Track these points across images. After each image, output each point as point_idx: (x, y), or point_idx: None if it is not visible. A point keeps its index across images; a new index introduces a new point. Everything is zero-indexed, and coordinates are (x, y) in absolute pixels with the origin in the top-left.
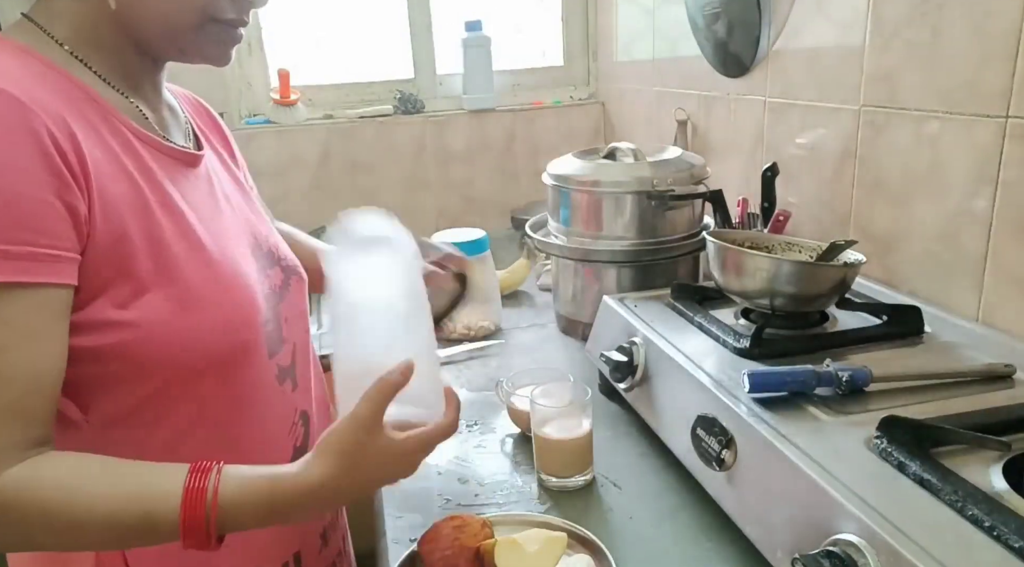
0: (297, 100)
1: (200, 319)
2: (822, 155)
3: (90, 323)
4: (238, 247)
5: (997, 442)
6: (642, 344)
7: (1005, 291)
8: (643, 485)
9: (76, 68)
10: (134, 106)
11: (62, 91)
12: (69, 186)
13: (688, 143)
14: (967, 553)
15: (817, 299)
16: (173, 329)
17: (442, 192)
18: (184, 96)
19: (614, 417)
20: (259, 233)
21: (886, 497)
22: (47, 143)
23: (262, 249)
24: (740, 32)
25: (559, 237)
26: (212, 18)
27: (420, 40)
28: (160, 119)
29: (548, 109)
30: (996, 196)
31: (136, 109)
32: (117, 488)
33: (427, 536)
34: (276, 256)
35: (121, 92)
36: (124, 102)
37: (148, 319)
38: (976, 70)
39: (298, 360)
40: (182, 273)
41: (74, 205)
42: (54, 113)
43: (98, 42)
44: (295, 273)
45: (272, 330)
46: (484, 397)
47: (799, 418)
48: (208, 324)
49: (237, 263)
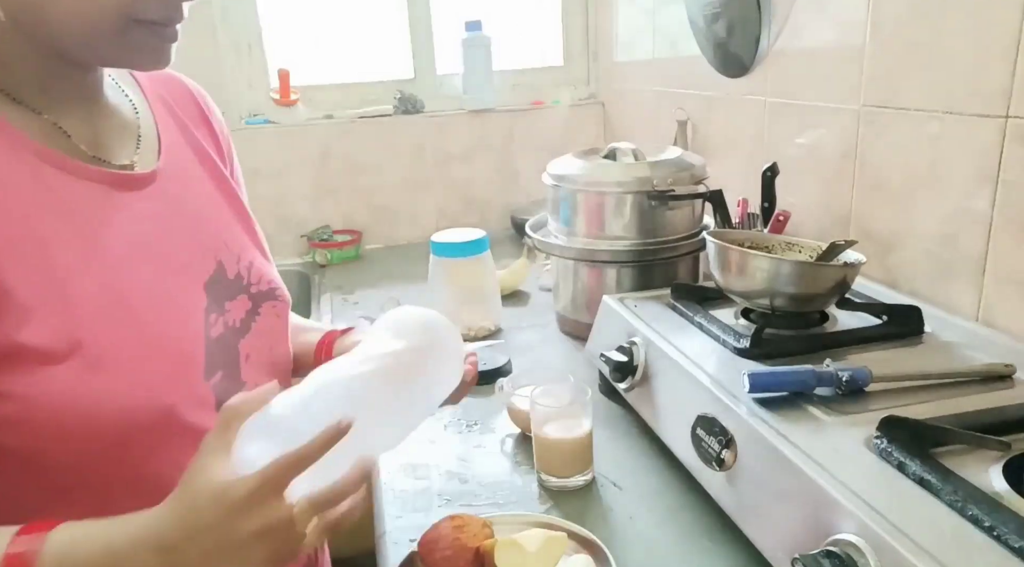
0: (297, 100)
1: (108, 385)
2: (822, 155)
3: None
4: (184, 280)
5: (997, 442)
6: (642, 344)
7: (1005, 291)
8: (643, 485)
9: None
10: (50, 124)
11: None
12: None
13: (688, 143)
14: (967, 553)
15: (817, 299)
16: (70, 400)
17: (442, 192)
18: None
19: (614, 417)
20: (228, 255)
21: (886, 497)
22: None
23: (226, 275)
24: (740, 32)
25: (559, 237)
26: (134, 19)
27: (420, 40)
28: (93, 134)
29: (548, 109)
30: (996, 196)
31: (53, 127)
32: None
33: (427, 536)
34: (244, 282)
35: (34, 109)
36: (34, 120)
37: (33, 390)
38: (976, 70)
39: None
40: (86, 326)
41: None
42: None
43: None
44: (269, 298)
45: (220, 380)
46: (484, 397)
47: (799, 418)
48: (119, 390)
49: (171, 305)
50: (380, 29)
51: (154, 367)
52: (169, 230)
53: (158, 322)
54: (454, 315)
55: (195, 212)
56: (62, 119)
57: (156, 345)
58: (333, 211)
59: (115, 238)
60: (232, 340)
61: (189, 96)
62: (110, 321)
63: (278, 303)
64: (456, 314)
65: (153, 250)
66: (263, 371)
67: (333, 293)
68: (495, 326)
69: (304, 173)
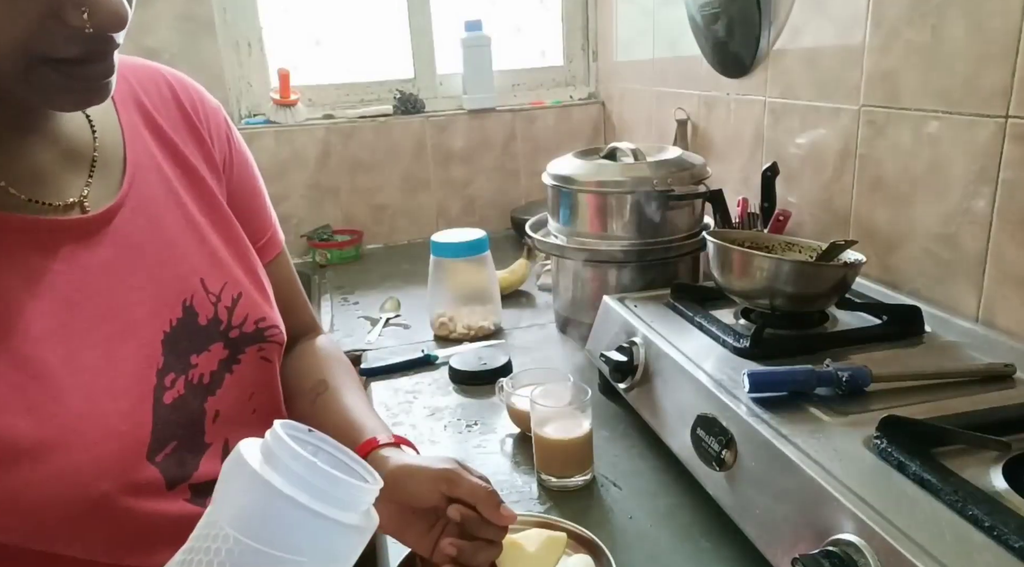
0: (297, 100)
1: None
2: (822, 155)
3: None
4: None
5: (997, 442)
6: (642, 344)
7: (1005, 291)
8: (643, 485)
9: None
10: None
11: None
12: None
13: (688, 143)
14: (967, 553)
15: (817, 299)
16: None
17: (442, 192)
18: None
19: (614, 417)
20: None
21: (886, 497)
22: None
23: (197, 322)
24: (740, 32)
25: (559, 237)
26: (42, 58)
27: (420, 40)
28: (30, 171)
29: (548, 109)
30: (996, 196)
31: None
32: None
33: None
34: (223, 326)
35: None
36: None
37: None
38: (976, 70)
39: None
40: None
41: None
42: None
43: None
44: (255, 341)
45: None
46: (484, 397)
47: (799, 418)
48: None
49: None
50: (380, 29)
51: (80, 457)
52: (120, 281)
53: (88, 404)
54: (454, 315)
55: (162, 250)
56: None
57: (83, 431)
58: (333, 211)
59: (41, 305)
60: (195, 401)
61: (172, 99)
62: (24, 408)
63: (266, 345)
64: (456, 314)
65: (91, 313)
66: (236, 426)
67: (333, 293)
68: (495, 326)
69: (304, 173)
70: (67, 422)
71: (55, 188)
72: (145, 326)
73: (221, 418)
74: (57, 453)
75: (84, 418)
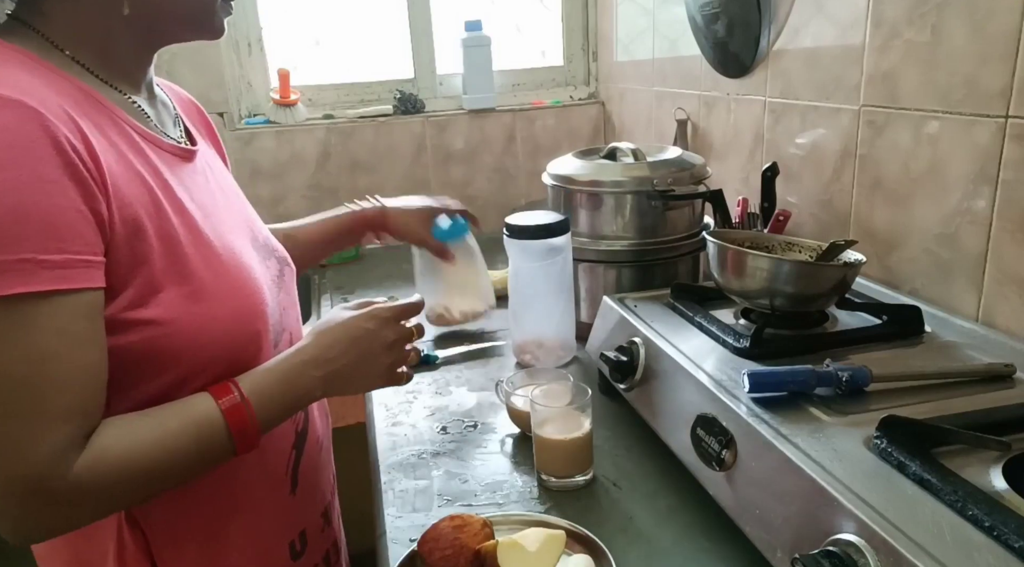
0: (297, 100)
1: (213, 313)
2: (822, 155)
3: (112, 322)
4: (240, 240)
5: (997, 442)
6: (642, 344)
7: (1005, 291)
8: (643, 485)
9: (77, 71)
10: (135, 105)
11: (70, 97)
12: (92, 192)
13: (688, 143)
14: (967, 553)
15: (817, 299)
16: (188, 325)
17: (442, 192)
18: (169, 90)
19: (614, 417)
20: (254, 225)
21: (886, 497)
22: (68, 152)
23: (259, 241)
24: (740, 32)
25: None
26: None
27: (420, 40)
28: (157, 115)
29: (548, 109)
30: (996, 196)
31: (138, 108)
32: (166, 431)
33: (427, 536)
34: (271, 247)
35: (122, 92)
36: (126, 102)
37: (165, 316)
38: (976, 70)
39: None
40: (193, 269)
41: (99, 210)
42: (68, 121)
43: (97, 43)
44: (287, 264)
45: (275, 321)
46: (484, 397)
47: (799, 418)
48: (221, 318)
49: (241, 256)
50: (380, 29)
51: (242, 302)
52: (217, 198)
53: (238, 267)
54: (446, 304)
55: (224, 188)
56: (142, 103)
57: (241, 285)
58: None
59: (192, 200)
60: (275, 291)
61: (186, 99)
62: (205, 264)
63: (292, 270)
64: (450, 303)
65: (216, 213)
66: (292, 325)
67: (333, 293)
68: (489, 305)
69: (304, 173)
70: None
71: (169, 131)
72: (241, 230)
73: (286, 313)
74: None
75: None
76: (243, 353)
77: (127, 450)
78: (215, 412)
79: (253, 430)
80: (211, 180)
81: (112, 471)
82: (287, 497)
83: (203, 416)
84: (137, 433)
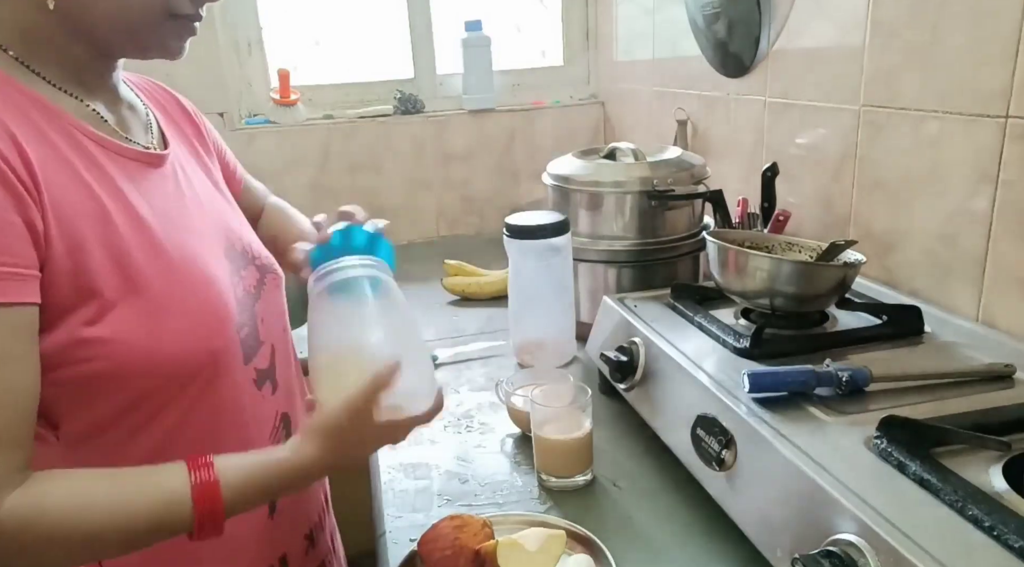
0: (297, 100)
1: (168, 330)
2: (822, 155)
3: (61, 342)
4: (208, 249)
5: (997, 442)
6: (642, 344)
7: (1005, 291)
8: (643, 485)
9: (22, 74)
10: (90, 109)
11: (10, 102)
12: (25, 202)
13: (688, 143)
14: (967, 553)
15: (817, 299)
16: (142, 342)
17: (442, 192)
18: (144, 86)
19: (614, 417)
20: (232, 231)
21: (886, 497)
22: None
23: (235, 248)
24: (740, 32)
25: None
26: (171, 14)
27: (420, 40)
28: (120, 119)
29: (548, 109)
30: (996, 196)
31: (93, 112)
32: (123, 497)
33: (427, 536)
34: (250, 254)
35: (75, 96)
36: (78, 106)
37: (117, 334)
38: (976, 70)
39: (278, 362)
40: (147, 283)
41: (31, 220)
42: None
43: (44, 45)
44: (270, 271)
45: (248, 334)
46: (484, 397)
47: (799, 418)
48: (177, 334)
49: (205, 267)
50: (380, 29)
51: (200, 318)
52: (187, 205)
53: (199, 280)
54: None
55: (198, 192)
56: (96, 106)
57: (201, 299)
58: (333, 211)
59: (152, 209)
60: (249, 303)
61: (168, 95)
62: (161, 279)
63: (276, 276)
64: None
65: (181, 221)
66: (276, 336)
67: None
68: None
69: (304, 173)
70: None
71: (134, 135)
72: (210, 239)
73: (266, 325)
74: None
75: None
76: (202, 371)
77: (74, 510)
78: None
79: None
80: (182, 185)
81: (48, 527)
82: (264, 520)
83: (167, 497)
84: (88, 494)
